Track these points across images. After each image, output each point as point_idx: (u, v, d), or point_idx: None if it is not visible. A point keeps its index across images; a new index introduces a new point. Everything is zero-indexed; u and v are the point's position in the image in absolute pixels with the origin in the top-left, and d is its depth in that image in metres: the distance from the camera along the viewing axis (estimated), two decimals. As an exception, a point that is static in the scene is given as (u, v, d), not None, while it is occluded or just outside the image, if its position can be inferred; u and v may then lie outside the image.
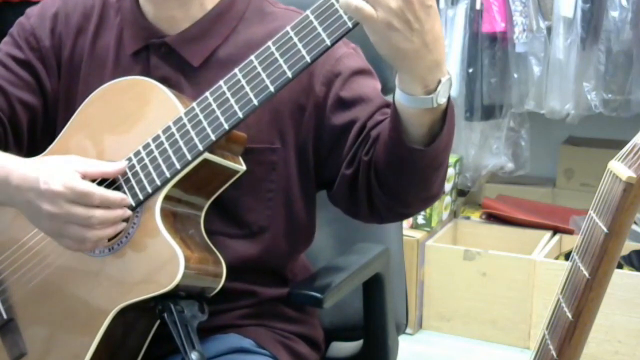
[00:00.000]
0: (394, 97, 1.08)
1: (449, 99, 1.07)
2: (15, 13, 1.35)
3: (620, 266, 2.64)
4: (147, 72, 1.22)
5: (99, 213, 1.09)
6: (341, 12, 1.03)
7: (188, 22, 1.23)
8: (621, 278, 2.53)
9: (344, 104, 1.21)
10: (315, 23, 1.05)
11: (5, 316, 1.21)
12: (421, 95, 1.04)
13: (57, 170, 1.10)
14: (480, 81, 2.87)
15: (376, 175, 1.15)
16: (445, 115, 1.07)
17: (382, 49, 1.01)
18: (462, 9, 2.87)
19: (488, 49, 2.84)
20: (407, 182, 1.14)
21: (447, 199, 3.03)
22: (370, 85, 1.23)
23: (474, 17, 2.85)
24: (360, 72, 1.23)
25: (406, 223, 2.86)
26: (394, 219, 1.28)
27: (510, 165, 3.07)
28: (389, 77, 1.44)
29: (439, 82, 1.03)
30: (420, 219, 2.90)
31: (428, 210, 2.88)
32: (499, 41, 2.83)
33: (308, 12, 1.05)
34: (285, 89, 1.18)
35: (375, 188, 1.16)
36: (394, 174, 1.13)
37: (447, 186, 3.00)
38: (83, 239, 1.10)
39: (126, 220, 1.14)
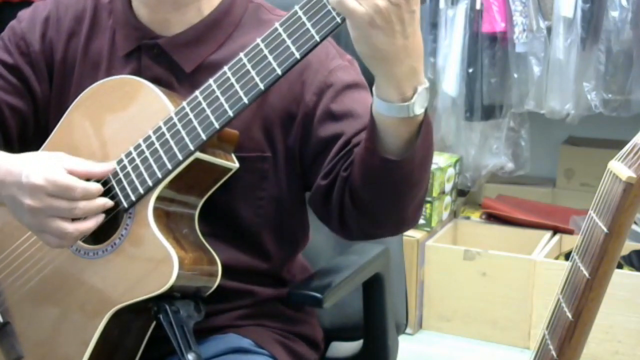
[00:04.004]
0: (371, 106, 1.07)
1: (426, 113, 1.06)
2: (15, 13, 1.35)
3: (620, 266, 2.64)
4: (138, 73, 1.22)
5: (82, 204, 1.09)
6: (329, 7, 1.02)
7: (183, 26, 1.22)
8: (621, 278, 2.53)
9: (333, 116, 1.19)
10: (304, 19, 1.04)
11: (1, 320, 1.21)
12: (397, 103, 1.03)
13: (41, 164, 1.10)
14: (480, 81, 2.87)
15: (350, 192, 1.13)
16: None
17: (361, 46, 1.01)
18: (462, 9, 2.87)
19: (488, 49, 2.84)
20: (379, 199, 1.12)
21: (447, 199, 3.02)
22: (362, 101, 1.20)
23: (474, 17, 2.84)
24: (352, 86, 1.22)
25: (406, 223, 2.86)
26: (363, 238, 1.25)
27: (510, 165, 3.07)
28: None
29: (416, 91, 1.03)
30: (420, 219, 2.90)
31: (428, 210, 2.88)
32: (499, 41, 2.83)
33: (296, 7, 1.04)
34: (278, 97, 1.18)
35: (348, 205, 1.14)
36: (368, 188, 1.11)
37: (447, 186, 3.00)
38: (64, 234, 1.09)
39: (118, 221, 1.14)
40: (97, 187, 1.11)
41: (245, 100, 1.08)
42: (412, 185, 1.11)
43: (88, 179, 1.12)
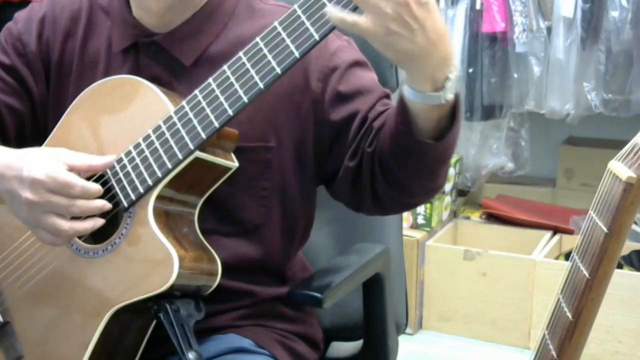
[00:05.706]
0: (401, 91, 1.07)
1: (457, 95, 1.07)
2: (15, 13, 1.35)
3: (620, 266, 2.64)
4: (137, 72, 1.22)
5: (80, 202, 1.10)
6: (329, 6, 1.02)
7: (179, 22, 1.22)
8: (621, 278, 2.53)
9: (344, 98, 1.20)
10: (303, 18, 1.04)
11: (1, 319, 1.21)
12: (430, 92, 1.03)
13: (42, 160, 1.11)
14: (480, 81, 2.87)
15: (380, 166, 1.14)
16: (453, 110, 1.07)
17: (387, 53, 1.01)
18: (462, 9, 2.87)
19: (488, 49, 2.84)
20: (412, 174, 1.14)
21: (447, 199, 3.02)
22: (368, 77, 1.23)
23: (474, 17, 2.85)
24: (356, 64, 1.23)
25: (406, 223, 2.86)
26: (397, 209, 1.28)
27: (510, 165, 3.07)
28: (389, 77, 1.44)
29: (447, 78, 1.03)
30: (420, 219, 2.90)
31: (428, 210, 2.88)
32: (499, 41, 2.83)
33: (295, 6, 1.05)
34: (280, 86, 1.18)
35: (379, 179, 1.15)
36: (400, 165, 1.12)
37: (447, 186, 3.00)
38: (59, 231, 1.10)
39: (118, 220, 1.14)
40: (97, 187, 1.12)
41: (245, 99, 1.08)
42: (444, 161, 1.14)
43: (90, 174, 1.13)
